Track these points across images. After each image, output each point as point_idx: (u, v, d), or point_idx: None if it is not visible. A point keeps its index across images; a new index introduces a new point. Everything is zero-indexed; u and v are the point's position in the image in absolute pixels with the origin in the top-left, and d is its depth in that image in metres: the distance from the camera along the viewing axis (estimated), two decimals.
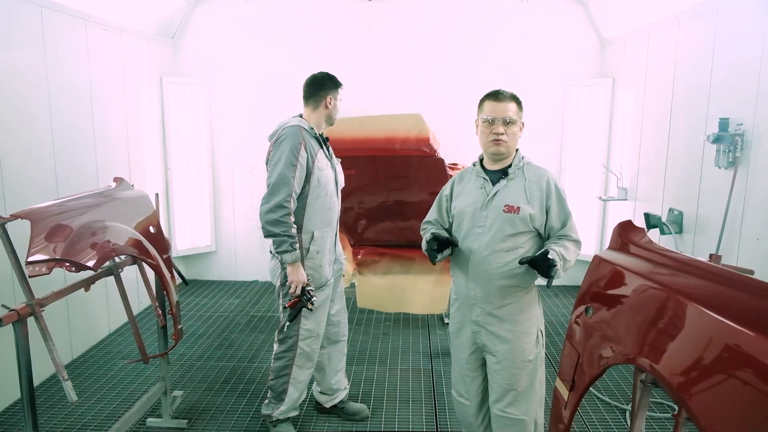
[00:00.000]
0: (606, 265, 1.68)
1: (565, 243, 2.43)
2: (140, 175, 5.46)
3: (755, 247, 3.42)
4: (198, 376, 4.18)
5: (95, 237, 2.48)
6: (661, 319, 1.39)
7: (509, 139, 2.49)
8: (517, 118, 2.51)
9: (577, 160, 6.10)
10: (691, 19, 4.23)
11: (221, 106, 6.23)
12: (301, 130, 3.06)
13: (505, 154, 2.53)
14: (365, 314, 5.46)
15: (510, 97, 2.53)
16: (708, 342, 1.23)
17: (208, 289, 6.22)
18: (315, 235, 3.15)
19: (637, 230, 1.74)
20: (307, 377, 3.34)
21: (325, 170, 3.15)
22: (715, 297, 1.30)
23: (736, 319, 1.20)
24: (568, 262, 2.37)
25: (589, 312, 1.65)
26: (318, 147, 3.15)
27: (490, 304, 2.54)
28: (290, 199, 2.96)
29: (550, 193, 2.47)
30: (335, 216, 3.28)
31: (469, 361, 2.70)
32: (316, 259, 3.18)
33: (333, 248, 3.31)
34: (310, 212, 3.12)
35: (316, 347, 3.29)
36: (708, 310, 1.26)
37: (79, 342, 4.50)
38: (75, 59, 4.44)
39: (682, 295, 1.36)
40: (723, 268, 1.36)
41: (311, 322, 3.22)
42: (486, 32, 6.04)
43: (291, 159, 2.96)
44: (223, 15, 6.12)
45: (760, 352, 1.11)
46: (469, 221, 2.57)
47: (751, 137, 3.47)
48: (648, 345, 1.36)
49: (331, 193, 3.20)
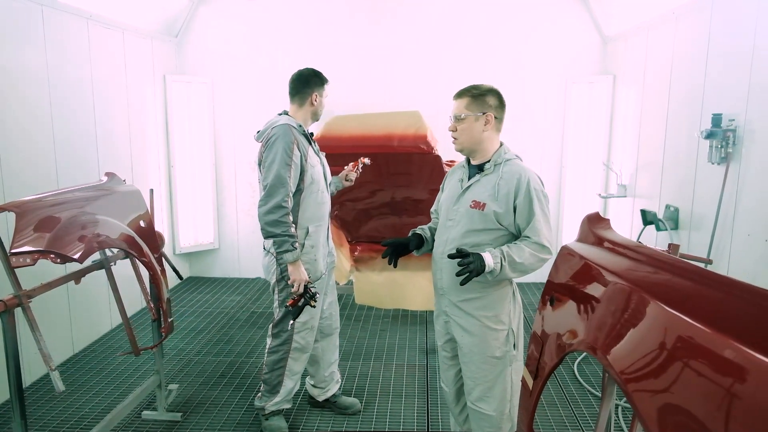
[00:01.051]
0: (570, 256, 1.69)
1: (521, 245, 2.37)
2: (143, 172, 5.54)
3: (747, 242, 3.40)
4: (195, 370, 4.23)
5: (84, 230, 2.54)
6: (613, 309, 1.41)
7: (459, 135, 2.51)
8: (469, 113, 2.47)
9: (579, 157, 6.08)
10: (688, 15, 4.22)
11: (224, 103, 6.30)
12: (291, 129, 3.09)
13: (462, 150, 2.56)
14: (363, 311, 5.49)
15: (465, 95, 2.50)
16: (655, 333, 1.24)
17: (211, 286, 6.29)
18: (310, 230, 3.20)
19: (603, 221, 1.75)
20: (302, 368, 3.38)
21: (316, 167, 3.21)
22: (667, 288, 1.32)
23: (683, 310, 1.21)
24: (518, 263, 2.32)
25: (552, 302, 1.67)
26: (308, 144, 3.19)
27: (456, 296, 2.56)
28: (288, 199, 3.01)
29: (519, 191, 2.39)
30: (327, 210, 3.34)
31: (444, 349, 2.76)
32: (311, 253, 3.23)
33: (326, 242, 3.37)
34: (304, 208, 3.17)
35: (311, 339, 3.34)
36: (659, 301, 1.27)
37: (81, 337, 4.58)
38: (77, 58, 4.51)
39: (634, 286, 1.37)
40: (677, 259, 1.37)
41: (306, 315, 3.26)
42: (487, 29, 6.05)
43: (285, 159, 2.99)
44: (227, 13, 6.18)
45: (703, 342, 1.12)
46: (444, 214, 2.63)
47: (743, 133, 3.45)
48: (599, 334, 1.38)
49: (322, 188, 3.25)
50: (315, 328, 3.36)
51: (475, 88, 2.50)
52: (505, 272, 2.32)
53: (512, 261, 2.31)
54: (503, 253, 2.31)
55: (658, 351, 1.18)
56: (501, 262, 2.29)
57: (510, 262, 2.30)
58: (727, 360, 1.04)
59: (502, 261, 2.29)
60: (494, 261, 2.27)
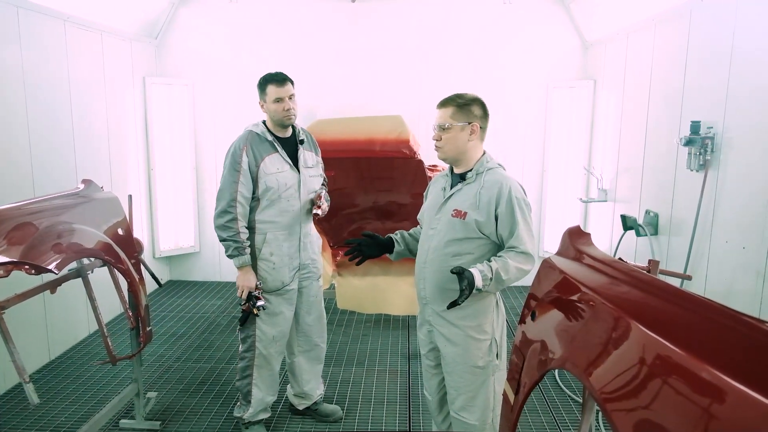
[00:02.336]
0: (551, 271, 1.69)
1: (506, 257, 2.36)
2: (122, 175, 5.47)
3: (725, 249, 3.45)
4: (175, 377, 4.18)
5: (60, 239, 2.49)
6: (592, 328, 1.41)
7: (444, 144, 2.49)
8: (454, 122, 2.45)
9: (559, 162, 6.12)
10: (666, 21, 4.26)
11: (205, 106, 6.24)
12: (250, 135, 3.12)
13: (446, 159, 2.55)
14: (345, 315, 5.47)
15: (448, 102, 2.49)
16: (634, 356, 1.24)
17: (191, 290, 6.22)
18: (267, 237, 3.16)
19: (584, 236, 1.75)
20: (271, 379, 3.35)
21: (277, 174, 3.12)
22: (645, 308, 1.32)
23: (660, 331, 1.22)
24: (504, 280, 2.32)
25: (534, 317, 1.67)
26: (271, 150, 3.13)
27: (439, 306, 2.55)
28: (234, 204, 3.02)
29: (501, 200, 2.39)
30: (298, 219, 3.23)
31: (428, 357, 2.75)
32: (270, 261, 3.18)
33: (296, 253, 3.27)
34: (261, 215, 3.15)
35: (274, 351, 3.29)
36: (636, 321, 1.28)
37: (58, 343, 4.51)
38: (54, 60, 4.44)
39: (613, 305, 1.38)
40: (656, 279, 1.38)
41: (267, 326, 3.23)
42: (469, 34, 6.06)
43: (233, 164, 3.06)
44: (208, 15, 6.12)
45: (679, 364, 1.13)
46: (427, 222, 2.62)
47: (721, 140, 3.49)
48: (578, 352, 1.38)
49: (288, 195, 3.16)
50: (281, 341, 3.31)
51: (460, 97, 2.48)
52: (488, 289, 2.32)
53: (498, 278, 2.31)
54: (492, 271, 2.29)
55: (635, 371, 1.19)
56: (488, 283, 2.28)
57: (496, 279, 2.30)
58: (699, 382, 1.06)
59: (489, 282, 2.28)
60: (483, 283, 2.26)
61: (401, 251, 2.79)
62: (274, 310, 3.23)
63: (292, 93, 3.13)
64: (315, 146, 3.44)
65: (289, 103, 3.11)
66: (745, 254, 3.24)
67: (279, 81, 3.10)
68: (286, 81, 3.12)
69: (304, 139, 3.30)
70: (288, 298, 3.28)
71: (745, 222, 3.26)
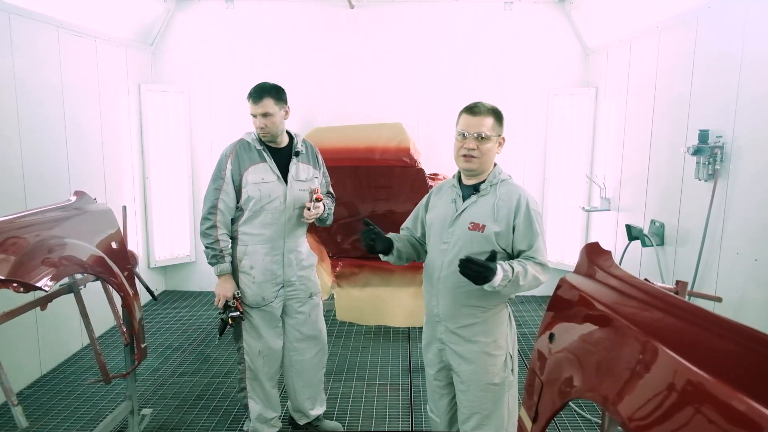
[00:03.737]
0: (570, 290, 1.60)
1: (527, 265, 2.29)
2: (117, 184, 5.37)
3: (735, 261, 3.36)
4: (170, 392, 4.07)
5: (51, 254, 2.39)
6: (619, 355, 1.32)
7: (481, 155, 2.38)
8: (493, 134, 2.38)
9: (561, 170, 6.04)
10: (672, 28, 4.19)
11: (201, 113, 6.15)
12: (240, 143, 3.08)
13: (476, 171, 2.44)
14: (344, 327, 5.36)
15: (487, 111, 2.39)
16: (665, 384, 1.16)
17: (187, 301, 6.11)
18: (248, 249, 3.08)
19: (604, 253, 1.66)
20: (264, 394, 3.25)
21: (260, 184, 3.01)
22: (675, 333, 1.23)
23: (696, 361, 1.14)
24: (520, 285, 2.25)
25: (552, 339, 1.58)
26: (258, 160, 3.03)
27: (453, 323, 2.46)
28: (215, 211, 2.99)
29: (519, 211, 2.34)
30: (282, 234, 3.10)
31: (437, 378, 2.65)
32: (249, 274, 3.08)
33: (281, 268, 3.13)
34: (244, 226, 3.08)
35: (261, 366, 3.19)
36: (668, 348, 1.19)
37: (50, 357, 4.39)
38: (47, 67, 4.34)
39: (642, 331, 1.29)
40: (688, 303, 1.29)
41: (252, 339, 3.14)
42: (469, 41, 5.99)
43: (217, 172, 3.04)
44: (204, 22, 6.04)
45: (718, 397, 1.05)
46: (437, 236, 2.51)
47: (731, 150, 3.42)
48: (604, 382, 1.29)
49: (274, 208, 3.04)
50: (268, 356, 3.20)
51: (493, 108, 2.42)
52: (502, 290, 2.24)
53: (516, 282, 2.23)
54: (513, 274, 2.21)
55: (666, 401, 1.10)
56: (506, 284, 2.20)
57: (514, 282, 2.22)
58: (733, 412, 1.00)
59: (507, 283, 2.20)
60: (501, 283, 2.18)
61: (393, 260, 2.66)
62: (257, 324, 3.13)
63: (266, 111, 2.97)
64: (315, 159, 3.27)
65: (262, 121, 2.98)
66: (758, 267, 3.16)
67: (254, 98, 3.00)
68: (261, 98, 2.98)
69: (300, 150, 3.16)
70: (270, 314, 3.16)
71: (757, 233, 3.17)
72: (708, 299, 1.98)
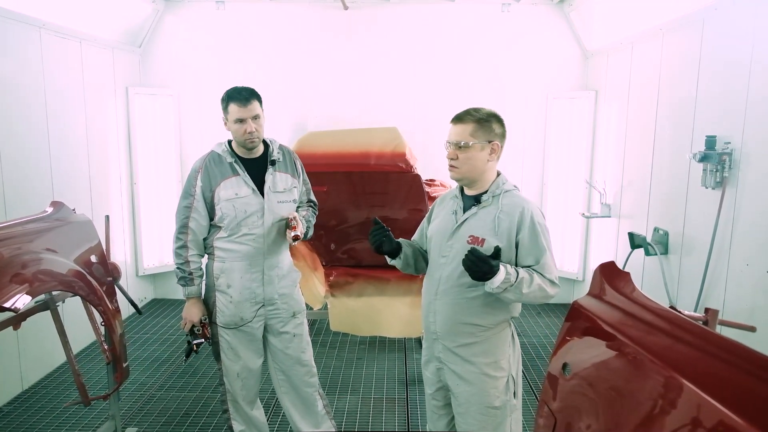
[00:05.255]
0: (585, 316, 1.46)
1: (533, 273, 2.16)
2: (104, 191, 5.20)
3: (745, 272, 3.23)
4: (156, 408, 3.90)
5: (24, 270, 2.23)
6: (644, 396, 1.18)
7: (462, 164, 2.26)
8: (475, 141, 2.23)
9: (560, 175, 5.91)
10: (676, 31, 4.07)
11: (191, 117, 5.98)
12: (209, 156, 2.88)
13: (462, 180, 2.32)
14: (338, 338, 5.20)
15: (469, 119, 2.26)
16: (693, 427, 1.02)
17: (177, 310, 5.92)
18: (225, 266, 2.87)
19: (622, 275, 1.52)
20: (246, 417, 3.07)
21: (234, 200, 2.80)
22: (709, 374, 1.09)
23: (730, 404, 1.00)
24: (523, 293, 2.11)
25: (567, 371, 1.44)
26: (230, 173, 2.82)
27: (451, 341, 2.32)
28: (186, 230, 2.81)
29: (523, 225, 2.21)
30: (261, 250, 2.87)
31: (435, 397, 2.52)
32: (227, 294, 2.88)
33: (260, 286, 2.90)
34: (220, 242, 2.87)
35: (239, 389, 3.00)
36: (699, 389, 1.05)
37: (32, 371, 4.22)
38: (28, 69, 4.18)
39: (672, 369, 1.15)
40: (722, 337, 1.15)
41: (230, 360, 2.95)
42: (466, 43, 5.86)
43: (187, 188, 2.86)
44: (194, 23, 5.87)
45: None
46: (436, 249, 2.38)
47: (740, 156, 3.29)
48: (629, 426, 1.15)
49: (251, 224, 2.83)
50: (248, 381, 3.01)
51: (478, 112, 2.27)
52: (501, 294, 2.11)
53: (518, 289, 2.10)
54: (516, 279, 2.09)
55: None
56: (506, 287, 2.07)
57: (516, 288, 2.09)
58: None
59: (508, 287, 2.07)
60: (502, 286, 2.06)
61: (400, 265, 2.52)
62: (235, 346, 2.94)
63: (256, 114, 2.75)
64: (293, 166, 3.02)
65: (252, 125, 2.74)
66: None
67: (242, 100, 2.73)
68: (250, 100, 2.75)
69: (277, 159, 2.93)
70: (249, 335, 2.95)
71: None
72: (741, 329, 1.85)
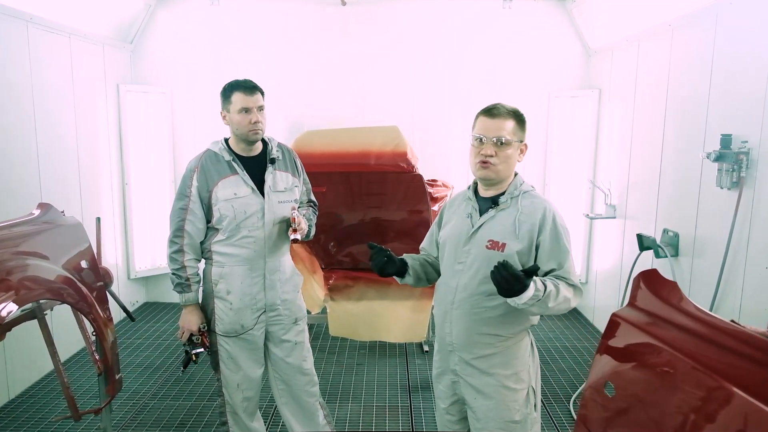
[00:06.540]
0: (629, 331, 1.33)
1: (559, 284, 2.03)
2: (94, 191, 5.03)
3: (764, 275, 3.12)
4: (150, 418, 3.74)
5: (10, 277, 2.08)
6: (707, 415, 1.05)
7: (500, 162, 2.12)
8: (514, 139, 2.13)
9: (562, 175, 5.80)
10: (687, 27, 3.95)
11: (184, 115, 5.81)
12: (206, 155, 2.75)
13: (494, 180, 2.17)
14: (337, 342, 5.05)
15: (508, 114, 2.16)
16: None
17: (170, 313, 5.76)
18: (224, 271, 2.73)
19: (668, 284, 1.39)
20: (246, 427, 2.92)
21: (233, 200, 2.67)
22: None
23: None
24: (548, 307, 1.99)
25: (610, 390, 1.30)
26: (229, 172, 2.69)
27: (469, 353, 2.19)
28: (181, 233, 2.67)
29: (544, 227, 2.09)
30: (261, 253, 2.74)
31: (449, 412, 2.38)
32: (226, 300, 2.74)
33: (261, 291, 2.78)
34: (218, 246, 2.73)
35: (239, 401, 2.86)
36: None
37: (19, 379, 4.04)
38: (14, 65, 4.00)
39: (734, 384, 1.02)
40: None
41: (230, 370, 2.81)
42: (466, 40, 5.73)
43: (182, 189, 2.73)
44: (187, 19, 5.71)
45: None
46: (451, 255, 2.23)
47: (757, 155, 3.17)
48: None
49: (251, 225, 2.70)
50: (249, 392, 2.88)
51: (514, 110, 2.19)
52: (527, 310, 1.98)
53: (544, 303, 1.96)
54: (545, 293, 1.95)
55: None
56: (533, 303, 1.93)
57: (542, 303, 1.96)
58: None
59: (535, 302, 1.94)
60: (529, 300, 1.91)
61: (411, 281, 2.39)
62: (235, 355, 2.80)
63: (261, 104, 2.69)
64: (293, 165, 2.90)
65: (257, 115, 2.66)
66: None
67: (248, 88, 2.67)
68: (255, 89, 2.69)
69: (276, 157, 2.80)
70: (250, 343, 2.82)
71: None
72: None
